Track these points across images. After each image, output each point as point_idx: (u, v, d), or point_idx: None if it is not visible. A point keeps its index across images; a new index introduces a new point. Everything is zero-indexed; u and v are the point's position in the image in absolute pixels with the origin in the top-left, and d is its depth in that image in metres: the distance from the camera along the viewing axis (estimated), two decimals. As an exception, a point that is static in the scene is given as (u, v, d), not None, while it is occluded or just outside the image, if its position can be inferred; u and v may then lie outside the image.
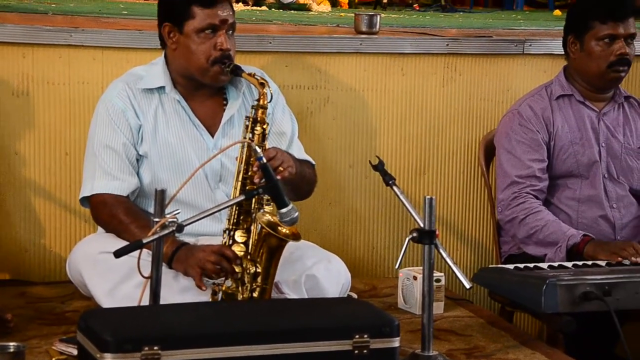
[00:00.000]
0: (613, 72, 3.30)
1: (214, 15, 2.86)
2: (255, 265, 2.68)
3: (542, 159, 3.31)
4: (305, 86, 3.49)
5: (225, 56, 2.86)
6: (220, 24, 2.86)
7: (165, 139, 2.94)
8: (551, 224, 3.20)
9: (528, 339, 2.85)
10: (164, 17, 2.93)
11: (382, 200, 3.59)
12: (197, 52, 2.86)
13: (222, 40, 2.86)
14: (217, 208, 2.50)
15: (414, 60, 3.60)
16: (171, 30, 2.91)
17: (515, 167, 3.30)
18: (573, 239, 3.14)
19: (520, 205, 3.25)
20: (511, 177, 3.29)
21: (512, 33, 4.11)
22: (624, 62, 3.29)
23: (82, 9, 4.46)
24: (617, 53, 3.27)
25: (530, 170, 3.29)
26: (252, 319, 2.26)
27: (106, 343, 2.06)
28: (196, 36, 2.86)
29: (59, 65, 3.26)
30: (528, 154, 3.31)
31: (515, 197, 3.27)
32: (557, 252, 3.14)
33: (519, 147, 3.32)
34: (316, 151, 3.36)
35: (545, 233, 3.19)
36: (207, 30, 2.86)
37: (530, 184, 3.28)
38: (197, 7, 2.86)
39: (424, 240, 2.45)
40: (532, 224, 3.22)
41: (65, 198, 3.28)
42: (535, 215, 3.22)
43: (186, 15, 2.86)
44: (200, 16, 2.86)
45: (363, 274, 3.53)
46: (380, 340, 2.22)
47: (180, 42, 2.90)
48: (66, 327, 2.72)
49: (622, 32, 3.27)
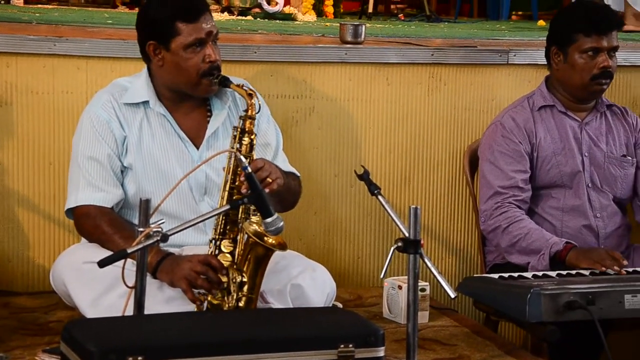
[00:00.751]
0: (596, 85, 3.32)
1: (199, 29, 2.85)
2: (241, 274, 2.67)
3: (524, 170, 3.33)
4: (290, 96, 3.49)
5: (214, 67, 2.86)
6: (206, 36, 2.86)
7: (150, 151, 2.93)
8: (534, 232, 3.21)
9: (512, 348, 2.86)
10: (148, 36, 2.90)
11: (367, 210, 3.59)
12: (187, 67, 2.86)
13: (209, 52, 2.86)
14: (202, 217, 2.49)
15: (399, 70, 3.61)
16: (156, 47, 2.89)
17: (498, 178, 3.31)
18: (556, 247, 3.15)
19: (503, 214, 3.27)
20: (494, 187, 3.31)
21: (497, 43, 4.13)
22: (606, 75, 3.31)
23: (66, 18, 4.46)
24: (601, 66, 3.29)
25: (512, 181, 3.30)
26: (237, 329, 2.26)
27: (90, 353, 2.05)
28: (184, 52, 2.85)
29: (43, 75, 3.25)
30: (511, 165, 3.32)
31: (498, 206, 3.28)
32: (540, 260, 3.15)
33: (501, 158, 3.33)
34: (301, 161, 3.36)
35: (528, 241, 3.20)
36: (194, 45, 2.85)
37: (513, 194, 3.29)
38: (181, 23, 2.84)
39: (409, 250, 2.45)
40: (514, 233, 3.23)
41: (49, 208, 3.27)
42: (518, 224, 3.24)
43: (171, 32, 2.85)
44: (186, 32, 2.85)
45: (348, 283, 3.53)
46: (365, 349, 2.22)
47: (167, 59, 2.88)
48: (50, 337, 2.70)
49: (606, 45, 3.29)
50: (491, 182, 3.32)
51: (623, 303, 2.85)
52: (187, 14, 2.84)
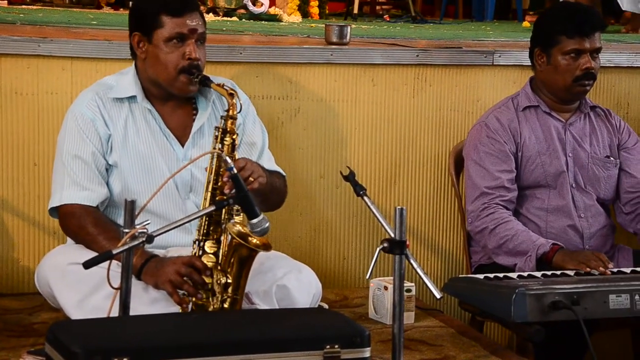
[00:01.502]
0: (578, 86, 3.34)
1: (183, 24, 2.85)
2: (225, 275, 2.67)
3: (510, 170, 3.34)
4: (276, 96, 3.49)
5: (193, 66, 2.85)
6: (189, 33, 2.86)
7: (136, 149, 2.92)
8: (521, 233, 3.22)
9: (498, 348, 2.86)
10: (134, 26, 2.92)
11: (353, 211, 3.59)
12: (166, 61, 2.86)
13: (190, 49, 2.85)
14: (187, 219, 2.48)
15: (385, 71, 3.61)
16: (140, 39, 2.90)
17: (484, 179, 3.32)
18: (542, 248, 3.16)
19: (490, 215, 3.27)
20: (480, 188, 3.31)
21: (482, 44, 4.14)
22: (589, 77, 3.32)
23: (50, 19, 4.44)
24: (583, 67, 3.30)
25: (499, 181, 3.31)
26: (222, 330, 2.25)
27: (75, 355, 2.04)
28: (164, 45, 2.86)
29: (27, 76, 3.24)
30: (496, 165, 3.33)
31: (485, 207, 3.29)
32: (527, 262, 3.16)
33: (487, 158, 3.34)
34: (287, 161, 3.36)
35: (515, 242, 3.21)
36: (175, 39, 2.85)
37: (500, 194, 3.30)
38: (165, 16, 2.85)
39: (394, 251, 2.46)
40: (502, 234, 3.24)
41: (33, 209, 3.26)
42: (505, 225, 3.24)
43: (155, 24, 2.86)
44: (169, 25, 2.85)
45: (334, 284, 3.53)
46: (351, 350, 2.22)
47: (149, 52, 2.89)
48: (34, 339, 2.69)
49: (588, 47, 3.30)
50: (477, 183, 3.33)
51: (608, 303, 2.86)
52: (173, 8, 2.84)
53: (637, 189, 3.44)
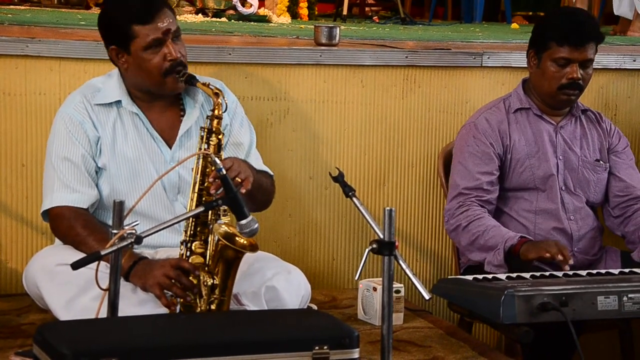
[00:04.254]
0: (563, 95, 3.33)
1: (156, 29, 2.83)
2: (212, 277, 2.66)
3: (491, 172, 3.34)
4: (265, 97, 3.48)
5: (176, 64, 2.85)
6: (164, 35, 2.84)
7: (123, 152, 2.92)
8: (491, 228, 3.22)
9: (486, 349, 2.87)
10: (109, 41, 2.90)
11: (342, 212, 3.59)
12: (149, 68, 2.85)
13: (169, 50, 2.84)
14: (176, 220, 2.48)
15: (374, 72, 3.62)
16: (118, 52, 2.88)
17: (464, 179, 3.33)
18: (510, 241, 3.16)
19: (463, 213, 3.28)
20: (459, 188, 3.32)
21: (471, 46, 4.15)
22: (574, 87, 3.31)
23: (38, 19, 4.43)
24: (569, 77, 3.29)
25: (477, 182, 3.32)
26: (210, 331, 2.25)
27: (63, 356, 2.04)
28: (144, 53, 2.84)
29: (15, 76, 3.23)
30: (478, 167, 3.33)
31: (460, 205, 3.30)
32: (495, 255, 3.17)
33: (470, 159, 3.35)
34: (276, 162, 3.36)
35: (485, 238, 3.22)
36: (152, 45, 2.84)
37: (477, 194, 3.31)
38: (136, 26, 2.83)
39: (383, 252, 2.46)
40: (473, 230, 3.24)
41: (21, 210, 3.25)
42: (477, 222, 3.25)
43: (129, 36, 2.84)
44: (143, 33, 2.83)
45: (323, 285, 3.53)
46: (340, 351, 2.22)
47: (129, 62, 2.88)
48: (22, 340, 2.68)
49: (578, 57, 3.28)
50: (457, 183, 3.34)
51: (596, 304, 2.87)
52: (141, 16, 2.82)
53: (626, 192, 3.45)
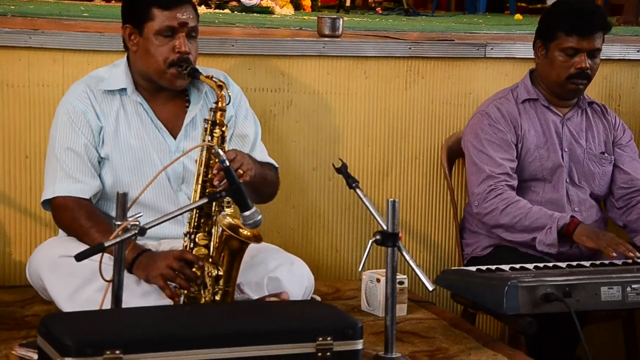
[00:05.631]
0: (571, 84, 3.33)
1: (173, 17, 2.84)
2: (217, 268, 2.67)
3: (512, 159, 3.34)
4: (268, 89, 3.48)
5: (182, 59, 2.85)
6: (179, 26, 2.85)
7: (127, 141, 2.92)
8: (534, 210, 3.23)
9: (490, 340, 2.87)
10: (126, 19, 2.92)
11: (345, 203, 3.59)
12: (155, 54, 2.85)
13: (180, 42, 2.84)
14: (179, 211, 2.48)
15: (377, 64, 3.61)
16: (132, 32, 2.89)
17: (489, 164, 3.31)
18: (562, 220, 3.17)
19: (498, 196, 3.27)
20: (485, 171, 3.30)
21: (474, 37, 4.14)
22: (582, 76, 3.31)
23: (42, 11, 4.42)
24: (577, 67, 3.29)
25: (502, 167, 3.31)
26: (214, 322, 2.25)
27: (67, 347, 2.04)
28: (155, 38, 2.85)
29: (19, 68, 3.22)
30: (499, 153, 3.32)
31: (492, 189, 3.28)
32: (548, 234, 3.17)
33: (490, 146, 3.33)
34: (279, 154, 3.35)
35: (530, 219, 3.21)
36: (165, 32, 2.84)
37: (505, 179, 3.30)
38: (156, 9, 2.84)
39: (387, 243, 2.46)
40: (514, 213, 3.23)
41: (25, 201, 3.25)
42: (515, 204, 3.24)
43: (146, 17, 2.85)
44: (160, 18, 2.84)
45: (326, 276, 3.53)
46: (343, 342, 2.23)
47: (140, 44, 2.88)
48: (26, 331, 2.69)
49: (586, 47, 3.29)
50: (482, 167, 3.31)
51: (599, 295, 2.87)
52: (164, 1, 2.84)
53: (630, 185, 3.45)
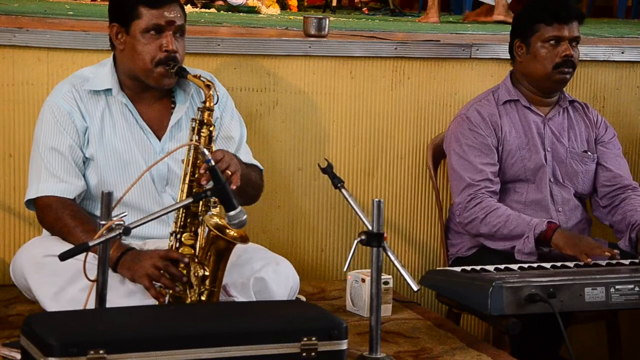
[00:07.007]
0: (558, 74, 3.35)
1: (160, 15, 2.84)
2: (203, 268, 2.66)
3: (493, 163, 3.35)
4: (254, 89, 3.48)
5: (170, 58, 2.84)
6: (167, 25, 2.84)
7: (112, 142, 2.91)
8: (513, 218, 3.23)
9: (474, 340, 2.88)
10: (113, 17, 2.91)
11: (331, 203, 3.59)
12: (142, 53, 2.84)
13: (167, 41, 2.84)
14: (164, 211, 2.47)
15: (363, 64, 3.61)
16: (119, 30, 2.88)
17: (468, 171, 3.33)
18: (539, 227, 3.18)
19: (478, 205, 3.28)
20: (465, 180, 3.32)
21: (460, 37, 4.15)
22: (568, 64, 3.34)
23: (26, 9, 4.41)
24: (563, 55, 3.33)
25: (483, 174, 3.32)
26: (199, 322, 2.25)
27: (50, 347, 2.03)
28: (141, 37, 2.84)
29: (3, 66, 3.21)
30: (480, 158, 3.34)
31: (472, 198, 3.29)
32: (526, 243, 3.18)
33: (470, 151, 3.35)
34: (265, 154, 3.35)
35: (509, 228, 3.22)
36: (152, 30, 2.83)
37: (485, 185, 3.31)
38: (143, 7, 2.84)
39: (372, 243, 2.46)
40: (494, 222, 3.25)
41: (9, 200, 3.23)
42: (495, 213, 3.26)
43: (133, 15, 2.84)
44: (147, 16, 2.84)
45: (311, 276, 3.53)
46: (328, 342, 2.23)
47: (127, 43, 2.87)
48: (9, 331, 2.67)
49: (567, 35, 3.33)
50: (462, 175, 3.33)
51: (583, 296, 2.88)
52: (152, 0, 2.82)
53: (613, 182, 3.46)
